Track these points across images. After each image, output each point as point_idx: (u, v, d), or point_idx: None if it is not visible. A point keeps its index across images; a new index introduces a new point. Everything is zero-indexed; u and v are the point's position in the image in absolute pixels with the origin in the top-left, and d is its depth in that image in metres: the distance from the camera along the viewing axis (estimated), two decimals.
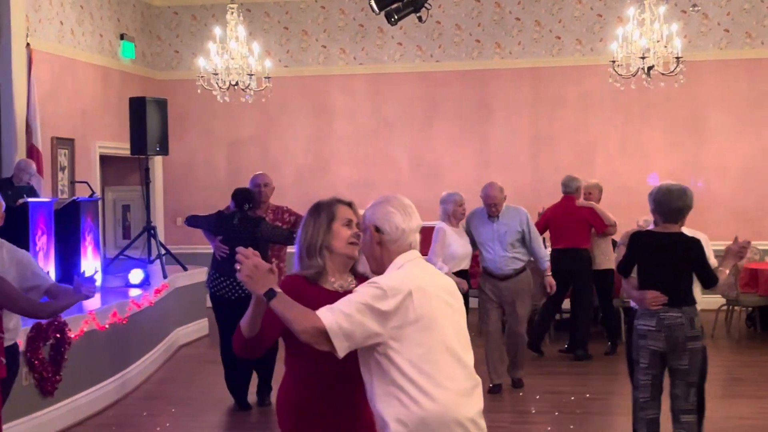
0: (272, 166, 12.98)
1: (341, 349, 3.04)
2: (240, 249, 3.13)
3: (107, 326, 7.66)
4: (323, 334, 3.02)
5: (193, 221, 7.86)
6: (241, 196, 7.48)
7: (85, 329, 7.26)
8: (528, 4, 12.59)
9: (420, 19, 7.75)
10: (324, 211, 3.39)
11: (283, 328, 3.20)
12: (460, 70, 12.75)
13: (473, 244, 7.91)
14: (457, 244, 7.71)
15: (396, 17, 7.69)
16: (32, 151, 9.73)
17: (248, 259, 3.10)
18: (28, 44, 9.95)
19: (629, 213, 11.62)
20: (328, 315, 3.04)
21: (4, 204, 5.02)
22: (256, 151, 13.18)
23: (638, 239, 5.41)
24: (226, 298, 7.34)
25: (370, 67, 12.96)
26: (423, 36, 12.69)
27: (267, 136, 13.20)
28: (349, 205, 3.43)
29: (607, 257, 9.39)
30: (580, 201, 9.36)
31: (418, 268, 3.24)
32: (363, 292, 3.09)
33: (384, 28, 12.42)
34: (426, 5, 7.68)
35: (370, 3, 7.66)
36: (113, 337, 7.87)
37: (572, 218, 9.16)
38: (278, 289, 3.08)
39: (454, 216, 7.79)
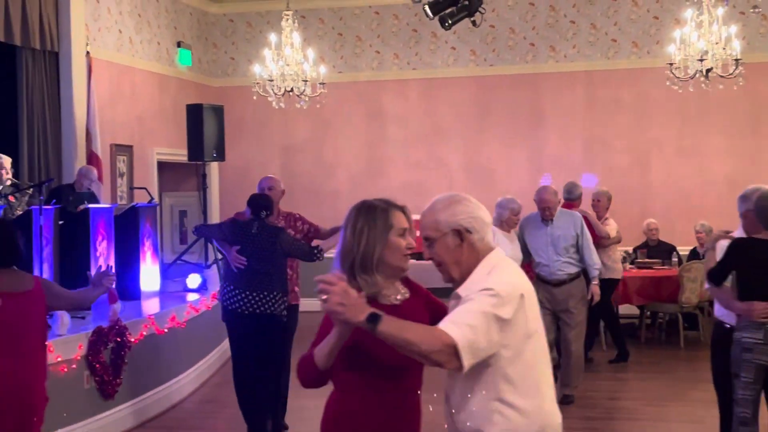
0: (326, 172, 13.10)
1: (468, 366, 2.76)
2: (320, 277, 2.69)
3: (166, 330, 7.78)
4: (455, 351, 2.72)
5: (202, 231, 7.44)
6: (257, 202, 6.84)
7: (144, 333, 7.37)
8: (583, 6, 12.50)
9: (474, 23, 7.70)
10: (380, 218, 3.07)
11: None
12: (514, 74, 12.69)
13: (526, 252, 7.83)
14: (506, 246, 7.61)
15: (450, 22, 7.63)
16: (92, 158, 9.92)
17: (334, 285, 2.67)
18: (87, 53, 10.15)
19: (687, 216, 11.53)
20: (454, 329, 2.73)
21: None
22: (311, 156, 13.26)
23: (738, 247, 5.11)
24: (239, 313, 6.70)
25: (424, 71, 12.97)
26: (477, 40, 12.67)
27: (321, 141, 13.28)
28: (403, 210, 3.12)
29: (609, 267, 9.22)
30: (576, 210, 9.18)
31: (512, 269, 2.98)
32: (481, 301, 2.79)
33: (437, 33, 12.43)
34: (480, 9, 7.63)
35: (423, 8, 7.64)
36: (172, 341, 7.98)
37: None
38: (380, 312, 2.69)
39: (507, 223, 7.71)
